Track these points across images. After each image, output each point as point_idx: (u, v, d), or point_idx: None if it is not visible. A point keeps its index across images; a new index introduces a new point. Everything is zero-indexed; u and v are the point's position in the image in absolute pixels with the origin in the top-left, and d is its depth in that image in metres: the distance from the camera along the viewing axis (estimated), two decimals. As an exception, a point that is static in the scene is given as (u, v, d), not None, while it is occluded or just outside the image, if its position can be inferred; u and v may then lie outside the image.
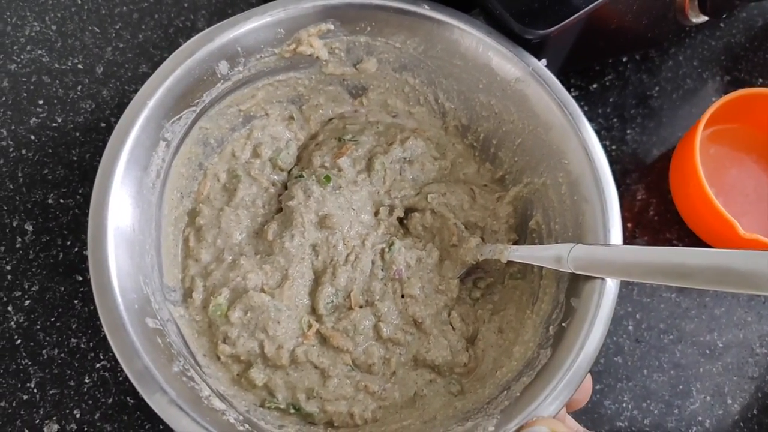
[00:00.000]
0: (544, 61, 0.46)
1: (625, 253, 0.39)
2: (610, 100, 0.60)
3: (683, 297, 0.55)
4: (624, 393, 0.52)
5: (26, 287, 0.51)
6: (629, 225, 0.57)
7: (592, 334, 0.39)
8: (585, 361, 0.38)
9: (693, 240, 0.56)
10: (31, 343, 0.49)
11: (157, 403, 0.36)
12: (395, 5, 0.45)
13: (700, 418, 0.52)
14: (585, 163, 0.43)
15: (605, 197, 0.42)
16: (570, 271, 0.40)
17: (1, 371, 0.49)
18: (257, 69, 0.47)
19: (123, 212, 0.40)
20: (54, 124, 0.55)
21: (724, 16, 0.63)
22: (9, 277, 0.51)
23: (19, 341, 0.49)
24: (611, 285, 0.40)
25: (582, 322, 0.39)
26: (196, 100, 0.45)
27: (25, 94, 0.56)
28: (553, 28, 0.45)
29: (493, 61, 0.46)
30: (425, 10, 0.46)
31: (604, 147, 0.43)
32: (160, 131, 0.43)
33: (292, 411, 0.43)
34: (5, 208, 0.52)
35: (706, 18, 0.56)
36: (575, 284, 0.41)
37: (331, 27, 0.46)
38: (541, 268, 0.46)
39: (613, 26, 0.52)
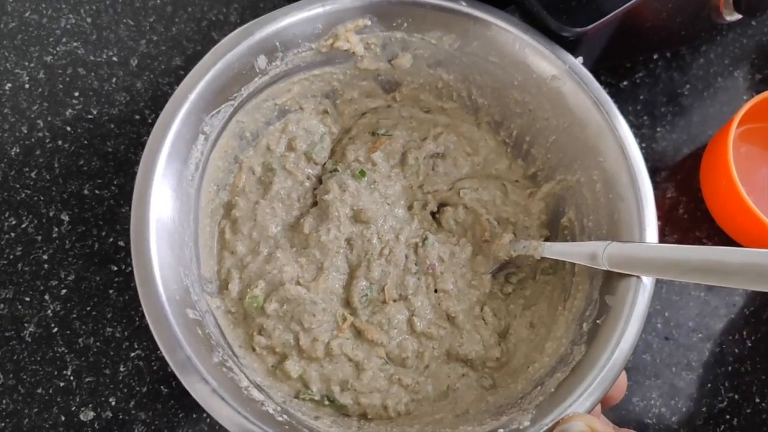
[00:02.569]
0: (580, 59, 0.46)
1: (662, 251, 0.39)
2: (641, 97, 0.60)
3: (712, 295, 0.55)
4: (652, 390, 0.52)
5: (62, 276, 0.51)
6: (659, 223, 0.57)
7: (628, 332, 0.39)
8: (620, 358, 0.39)
9: (723, 239, 0.56)
10: (68, 332, 0.50)
11: (199, 393, 0.36)
12: (433, 2, 0.46)
13: (728, 417, 0.52)
14: (621, 161, 0.43)
15: (641, 196, 0.42)
16: (605, 269, 0.41)
17: (39, 359, 0.50)
18: (294, 64, 0.47)
19: (164, 205, 0.41)
20: (89, 116, 0.56)
21: (757, 14, 0.62)
22: (46, 266, 0.52)
23: (55, 329, 0.50)
24: (647, 283, 0.40)
25: (617, 319, 0.40)
26: (234, 94, 0.45)
27: (61, 86, 0.56)
28: (590, 26, 0.45)
29: (529, 59, 0.46)
30: (462, 7, 0.46)
31: (635, 144, 0.44)
32: (200, 125, 0.43)
33: (327, 403, 0.44)
34: (42, 198, 0.53)
35: (739, 16, 0.55)
36: (609, 282, 0.41)
37: (369, 23, 0.46)
38: (573, 264, 0.46)
39: (648, 24, 0.52)
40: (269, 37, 0.44)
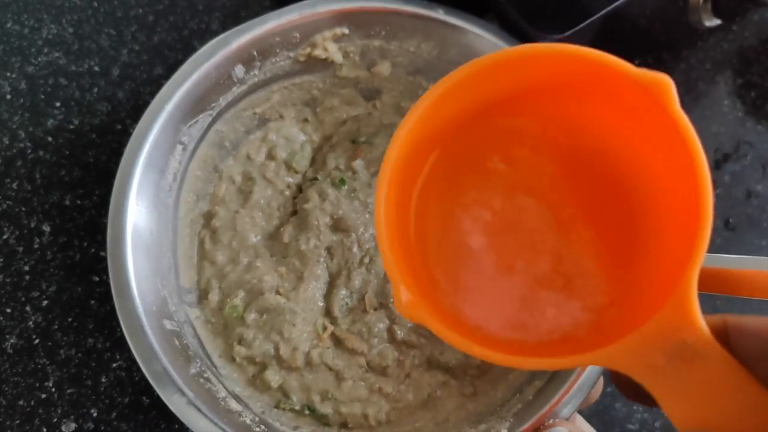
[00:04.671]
0: (557, 66, 0.46)
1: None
2: (623, 102, 0.60)
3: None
4: (635, 395, 0.52)
5: (44, 287, 0.51)
6: (641, 228, 0.57)
7: (605, 338, 0.39)
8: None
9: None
10: (49, 343, 0.50)
11: (175, 405, 0.36)
12: (410, 10, 0.46)
13: (711, 421, 0.52)
14: (598, 167, 0.43)
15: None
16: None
17: (20, 370, 0.49)
18: (272, 72, 0.47)
19: (141, 216, 0.41)
20: (71, 126, 0.56)
21: (737, 18, 0.63)
22: (27, 277, 0.51)
23: (37, 341, 0.50)
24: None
25: (595, 326, 0.40)
26: (213, 104, 0.45)
27: (42, 96, 0.56)
28: (567, 33, 0.45)
29: (507, 66, 0.46)
30: (440, 15, 0.46)
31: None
32: (178, 135, 0.43)
33: (307, 412, 0.44)
34: (23, 209, 0.53)
35: (719, 21, 0.56)
36: (588, 288, 0.42)
37: (346, 31, 0.47)
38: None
39: (627, 30, 0.52)
40: (246, 47, 0.44)
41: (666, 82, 0.27)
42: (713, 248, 0.56)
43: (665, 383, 0.22)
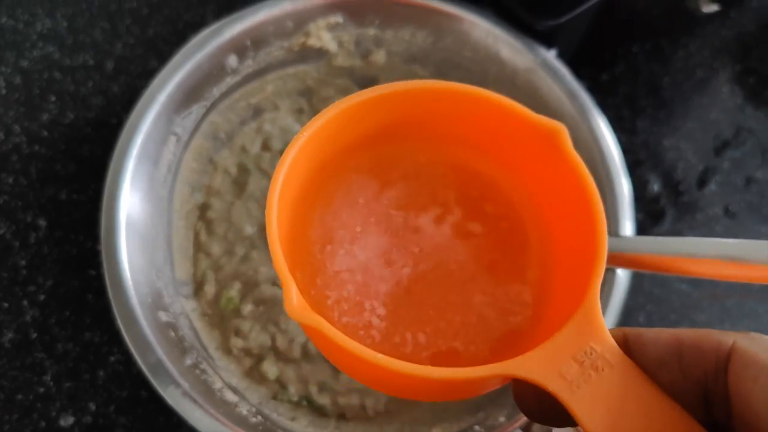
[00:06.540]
0: (554, 51, 0.46)
1: (635, 243, 0.39)
2: (621, 90, 0.60)
3: (694, 288, 0.55)
4: (635, 384, 0.52)
5: (41, 282, 0.51)
6: (639, 215, 0.56)
7: (603, 326, 0.39)
8: (596, 352, 0.38)
9: (700, 233, 0.56)
10: (47, 337, 0.50)
11: (170, 396, 0.36)
12: (404, -2, 0.46)
13: (712, 409, 0.52)
14: (595, 154, 0.43)
15: (616, 189, 0.42)
16: (580, 263, 0.40)
17: (18, 365, 0.49)
18: (266, 62, 0.47)
19: (134, 207, 0.41)
20: (66, 121, 0.55)
21: (735, 4, 0.62)
22: (24, 272, 0.51)
23: (35, 335, 0.50)
24: (622, 276, 0.40)
25: (592, 313, 0.39)
26: (206, 95, 0.45)
27: (37, 91, 0.56)
28: (563, 18, 0.45)
29: (502, 52, 0.46)
30: (434, 3, 0.46)
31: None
32: (171, 126, 0.43)
33: (304, 404, 0.43)
34: (19, 204, 0.53)
35: (717, 7, 0.55)
36: (586, 276, 0.41)
37: (340, 20, 0.46)
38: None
39: (624, 15, 0.51)
40: (239, 36, 0.44)
41: (561, 130, 0.29)
42: (713, 235, 0.56)
43: (578, 393, 0.22)
